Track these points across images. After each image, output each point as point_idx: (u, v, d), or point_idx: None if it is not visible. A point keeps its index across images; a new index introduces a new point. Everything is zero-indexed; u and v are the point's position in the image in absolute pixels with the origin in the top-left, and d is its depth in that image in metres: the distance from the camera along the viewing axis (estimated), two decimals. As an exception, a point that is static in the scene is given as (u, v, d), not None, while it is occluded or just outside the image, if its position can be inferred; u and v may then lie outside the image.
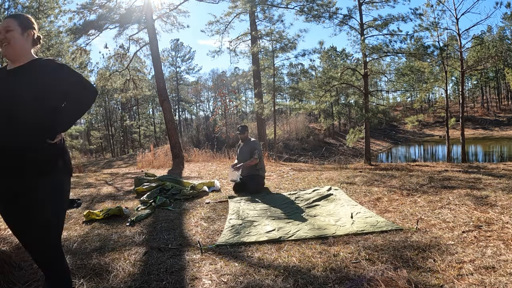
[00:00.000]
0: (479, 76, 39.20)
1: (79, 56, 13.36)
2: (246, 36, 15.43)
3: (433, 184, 4.85)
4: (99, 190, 5.68)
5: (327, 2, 11.16)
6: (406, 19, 10.58)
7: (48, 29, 13.72)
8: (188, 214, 3.95)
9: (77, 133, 29.19)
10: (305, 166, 9.25)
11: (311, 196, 4.46)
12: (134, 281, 2.26)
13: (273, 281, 2.18)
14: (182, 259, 2.60)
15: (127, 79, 14.14)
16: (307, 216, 3.63)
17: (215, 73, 51.43)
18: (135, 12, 11.58)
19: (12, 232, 1.68)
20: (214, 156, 11.02)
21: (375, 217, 3.39)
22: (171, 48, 43.19)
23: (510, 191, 4.10)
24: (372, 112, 10.87)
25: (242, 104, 44.20)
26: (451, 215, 3.29)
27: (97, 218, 3.73)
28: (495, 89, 43.09)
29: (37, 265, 1.83)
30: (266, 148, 13.67)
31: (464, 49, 11.85)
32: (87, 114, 31.07)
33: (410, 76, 11.34)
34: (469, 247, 2.53)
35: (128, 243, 2.99)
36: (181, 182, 5.66)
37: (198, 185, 5.21)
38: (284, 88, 21.99)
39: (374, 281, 2.08)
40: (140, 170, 9.62)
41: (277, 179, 6.30)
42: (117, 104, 37.84)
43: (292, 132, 29.57)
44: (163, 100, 11.40)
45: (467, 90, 43.39)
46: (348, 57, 36.43)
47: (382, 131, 36.62)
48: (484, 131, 35.07)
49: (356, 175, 6.09)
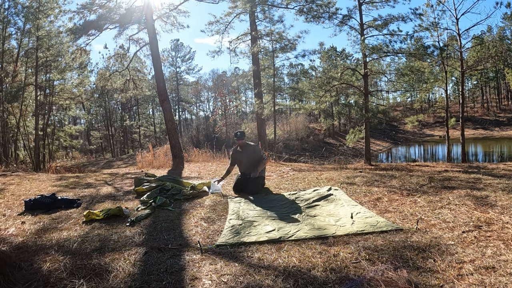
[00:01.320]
0: (479, 76, 39.21)
1: (79, 56, 13.37)
2: (246, 36, 15.43)
3: (433, 184, 4.84)
4: (99, 190, 5.68)
5: (327, 3, 11.16)
6: (406, 19, 10.59)
7: (48, 29, 13.72)
8: (188, 214, 3.95)
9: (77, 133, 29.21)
10: (305, 166, 9.25)
11: (311, 196, 4.45)
12: (134, 281, 2.26)
13: (273, 281, 2.18)
14: (182, 259, 2.60)
15: (127, 79, 14.14)
16: (307, 217, 3.63)
17: (215, 73, 51.50)
18: (135, 12, 11.58)
19: None
20: (214, 156, 11.02)
21: (375, 217, 3.39)
22: (171, 48, 43.24)
23: (510, 191, 4.10)
24: (372, 112, 10.87)
25: (242, 104, 44.21)
26: (451, 215, 3.29)
27: (97, 218, 3.73)
28: (495, 89, 43.10)
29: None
30: (266, 148, 13.66)
31: (464, 49, 11.86)
32: (87, 114, 31.10)
33: (410, 76, 11.34)
34: (469, 247, 2.53)
35: (128, 243, 2.99)
36: (181, 182, 5.66)
37: (198, 185, 5.21)
38: (284, 88, 21.99)
39: (374, 281, 2.08)
40: (140, 170, 9.62)
41: (277, 179, 6.30)
42: (117, 104, 37.84)
43: (292, 132, 29.57)
44: (163, 100, 11.40)
45: (467, 90, 43.39)
46: (348, 57, 36.46)
47: (382, 131, 36.63)
48: (484, 131, 35.07)
49: (356, 175, 6.09)
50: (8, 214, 4.08)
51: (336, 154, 21.81)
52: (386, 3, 10.94)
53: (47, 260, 2.59)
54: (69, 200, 4.55)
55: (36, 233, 3.33)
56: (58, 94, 16.48)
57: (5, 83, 14.04)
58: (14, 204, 4.66)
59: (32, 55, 14.18)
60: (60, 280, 2.28)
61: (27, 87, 14.51)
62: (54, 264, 2.51)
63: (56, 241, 3.06)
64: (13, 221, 3.78)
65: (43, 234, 3.29)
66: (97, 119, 37.12)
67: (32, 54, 14.17)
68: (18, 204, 4.64)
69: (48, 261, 2.57)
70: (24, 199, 4.58)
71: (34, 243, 3.04)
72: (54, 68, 14.77)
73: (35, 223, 3.68)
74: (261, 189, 5.18)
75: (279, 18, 14.29)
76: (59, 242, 3.04)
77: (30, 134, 15.26)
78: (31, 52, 14.31)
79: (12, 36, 14.62)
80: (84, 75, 20.32)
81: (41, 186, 6.18)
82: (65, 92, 16.75)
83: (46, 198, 4.38)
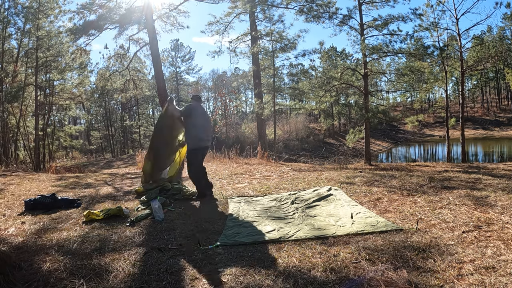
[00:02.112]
0: (479, 76, 39.21)
1: (79, 56, 13.34)
2: (246, 36, 15.44)
3: (433, 184, 4.84)
4: (98, 191, 5.68)
5: (327, 2, 11.15)
6: (406, 19, 10.58)
7: (48, 29, 13.72)
8: (188, 214, 3.95)
9: (77, 133, 29.19)
10: (305, 166, 9.24)
11: (311, 197, 4.45)
12: (134, 281, 2.26)
13: (273, 281, 2.18)
14: (182, 259, 2.60)
15: (127, 79, 14.13)
16: (307, 217, 3.63)
17: (215, 73, 51.44)
18: (135, 12, 11.57)
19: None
20: (214, 156, 11.02)
21: (375, 217, 3.39)
22: (171, 48, 43.20)
23: (510, 191, 4.10)
24: (372, 112, 10.87)
25: (242, 104, 44.20)
26: (451, 215, 3.29)
27: (97, 218, 3.72)
28: (495, 89, 43.10)
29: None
30: (266, 148, 13.66)
31: (464, 49, 11.86)
32: (87, 114, 31.08)
33: (410, 76, 11.34)
34: (469, 247, 2.53)
35: (128, 243, 2.99)
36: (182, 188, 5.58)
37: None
38: (284, 88, 21.99)
39: (374, 281, 2.08)
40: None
41: (277, 179, 6.30)
42: (117, 104, 37.82)
43: (292, 132, 29.57)
44: (163, 100, 11.37)
45: (467, 90, 43.38)
46: (348, 57, 36.43)
47: (382, 131, 36.62)
48: (484, 131, 35.07)
49: (356, 175, 6.09)
50: (8, 214, 4.08)
51: (336, 154, 21.81)
52: (386, 3, 10.94)
53: (47, 260, 2.59)
54: (69, 200, 4.55)
55: (36, 233, 3.33)
56: (58, 94, 16.48)
57: (5, 83, 14.03)
58: (14, 204, 4.66)
59: (32, 55, 14.18)
60: (60, 280, 2.28)
61: (27, 87, 14.51)
62: (54, 264, 2.51)
63: (56, 241, 3.06)
64: (13, 221, 3.78)
65: (43, 234, 3.29)
66: (97, 119, 37.09)
67: (32, 54, 14.18)
68: (18, 204, 4.64)
69: (48, 261, 2.57)
70: (24, 199, 4.57)
71: (34, 243, 3.04)
72: (54, 68, 14.77)
73: (35, 223, 3.68)
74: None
75: (279, 17, 14.31)
76: (59, 242, 3.04)
77: (30, 134, 15.26)
78: (31, 52, 14.31)
79: (12, 36, 14.62)
80: (84, 75, 20.31)
81: (41, 186, 6.18)
82: (65, 92, 16.76)
83: (46, 198, 4.37)
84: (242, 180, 6.33)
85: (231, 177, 6.67)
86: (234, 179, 6.43)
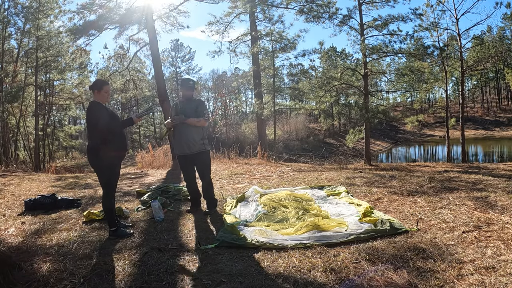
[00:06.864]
0: (479, 76, 39.20)
1: (79, 56, 13.37)
2: (246, 36, 15.44)
3: (433, 184, 4.84)
4: (98, 191, 5.68)
5: (327, 3, 11.15)
6: (406, 19, 10.57)
7: (48, 29, 13.73)
8: (188, 214, 3.95)
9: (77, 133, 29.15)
10: (305, 167, 9.24)
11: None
12: (134, 281, 2.26)
13: (273, 281, 2.18)
14: (182, 260, 2.60)
15: (127, 80, 14.15)
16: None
17: (215, 73, 51.40)
18: (135, 12, 11.58)
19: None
20: (214, 156, 11.01)
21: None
22: (171, 48, 43.20)
23: (510, 191, 4.10)
24: (372, 112, 10.86)
25: (242, 104, 44.14)
26: (451, 216, 3.29)
27: (97, 219, 3.72)
28: (495, 89, 43.10)
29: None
30: (266, 148, 13.66)
31: (464, 49, 11.86)
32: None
33: (410, 76, 11.34)
34: (469, 247, 2.53)
35: (128, 243, 2.99)
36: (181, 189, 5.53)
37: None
38: (284, 88, 22.01)
39: (374, 281, 2.08)
40: (140, 170, 9.62)
41: (277, 179, 6.30)
42: (117, 105, 37.82)
43: (292, 132, 29.57)
44: (163, 100, 11.40)
45: (467, 90, 43.40)
46: (348, 57, 36.45)
47: (382, 131, 36.62)
48: (484, 131, 35.08)
49: (356, 176, 6.09)
50: (8, 214, 4.08)
51: (336, 154, 21.80)
52: (386, 3, 10.93)
53: (47, 260, 2.59)
54: (69, 200, 4.54)
55: (36, 233, 3.32)
56: (58, 94, 16.49)
57: (5, 83, 14.04)
58: (14, 204, 4.66)
59: (32, 55, 14.19)
60: (60, 280, 2.28)
61: (27, 87, 14.52)
62: (54, 265, 2.51)
63: (56, 242, 3.06)
64: (13, 221, 3.78)
65: (43, 234, 3.28)
66: (97, 119, 37.02)
67: (32, 54, 14.18)
68: (18, 204, 4.64)
69: (48, 261, 2.57)
70: (24, 199, 4.57)
71: (34, 243, 3.04)
72: (54, 68, 14.78)
73: (35, 223, 3.68)
74: (209, 170, 4.12)
75: (279, 18, 14.31)
76: (59, 242, 3.04)
77: (30, 134, 15.27)
78: (31, 52, 14.31)
79: (12, 36, 14.63)
80: (84, 75, 20.29)
81: (41, 186, 6.18)
82: (65, 92, 16.76)
83: (46, 198, 4.37)
84: (242, 180, 6.33)
85: (231, 177, 6.66)
86: (234, 179, 6.42)
